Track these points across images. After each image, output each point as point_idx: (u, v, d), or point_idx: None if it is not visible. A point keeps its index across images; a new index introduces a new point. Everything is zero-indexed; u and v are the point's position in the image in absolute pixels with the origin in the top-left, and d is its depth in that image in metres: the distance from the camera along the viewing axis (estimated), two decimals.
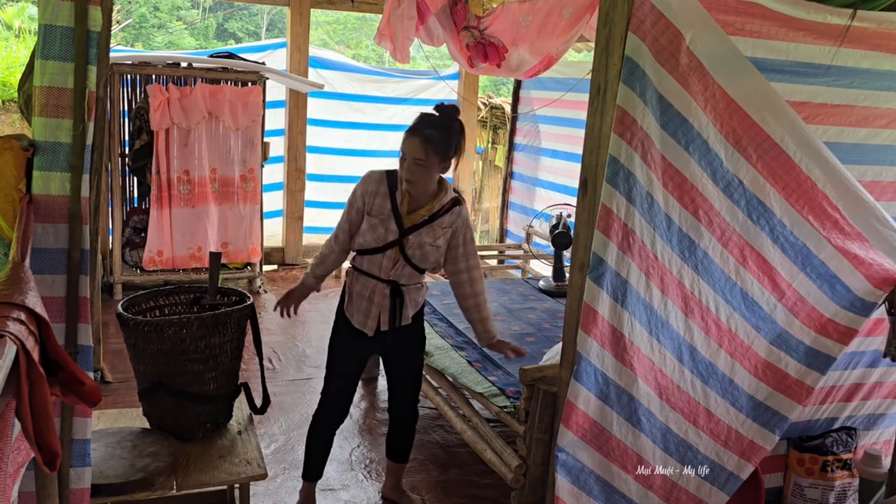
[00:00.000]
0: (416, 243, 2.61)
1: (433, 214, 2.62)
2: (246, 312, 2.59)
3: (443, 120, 2.54)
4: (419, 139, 2.49)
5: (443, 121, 2.54)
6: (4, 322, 1.32)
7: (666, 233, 2.31)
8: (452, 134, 2.55)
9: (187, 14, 17.69)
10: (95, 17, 1.93)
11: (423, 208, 2.62)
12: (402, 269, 2.63)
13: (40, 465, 1.43)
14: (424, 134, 2.49)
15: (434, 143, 2.49)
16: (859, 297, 2.49)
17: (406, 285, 2.68)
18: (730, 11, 2.24)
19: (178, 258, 5.50)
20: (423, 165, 2.50)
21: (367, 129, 7.17)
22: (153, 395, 2.53)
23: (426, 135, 2.49)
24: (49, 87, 1.92)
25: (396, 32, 4.38)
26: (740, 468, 2.55)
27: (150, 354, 2.47)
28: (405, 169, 2.53)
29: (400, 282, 2.66)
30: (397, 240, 2.60)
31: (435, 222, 2.62)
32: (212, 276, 2.70)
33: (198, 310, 2.71)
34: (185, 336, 2.43)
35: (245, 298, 2.69)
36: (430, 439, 3.70)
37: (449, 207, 2.64)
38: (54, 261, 1.96)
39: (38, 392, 1.36)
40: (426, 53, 11.73)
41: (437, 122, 2.54)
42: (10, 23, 11.68)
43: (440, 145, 2.51)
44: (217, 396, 2.58)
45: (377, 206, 2.62)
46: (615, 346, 2.34)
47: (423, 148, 2.48)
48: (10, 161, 1.90)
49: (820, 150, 2.30)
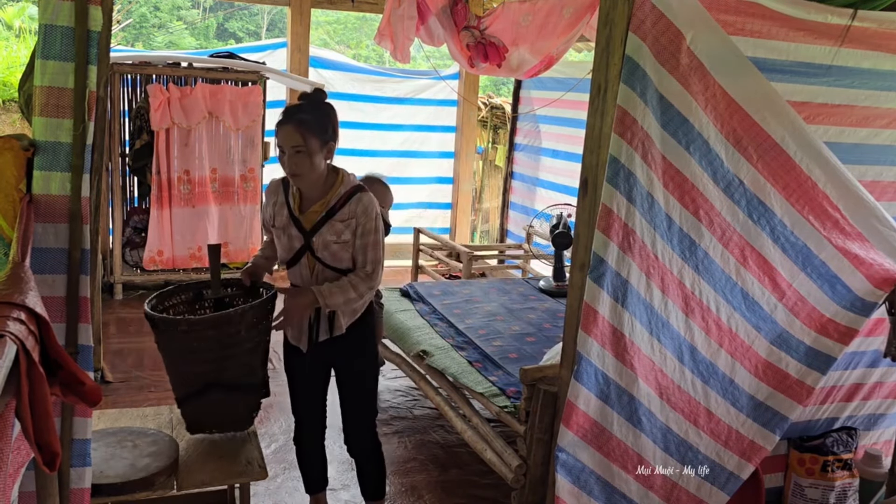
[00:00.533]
0: (321, 244, 2.41)
1: (330, 209, 2.40)
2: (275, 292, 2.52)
3: (311, 103, 2.40)
4: (292, 125, 2.31)
5: (312, 103, 2.40)
6: (4, 322, 1.32)
7: (666, 233, 2.31)
8: (325, 115, 2.39)
9: (188, 14, 17.69)
10: (96, 17, 1.93)
11: (318, 203, 2.43)
12: (324, 274, 2.44)
13: (40, 464, 1.43)
14: (297, 118, 2.32)
15: (308, 125, 2.31)
16: (860, 297, 2.49)
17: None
18: (730, 11, 2.24)
19: (179, 258, 5.50)
20: (304, 151, 2.31)
21: (367, 129, 7.17)
22: (203, 397, 2.41)
23: (298, 119, 2.32)
24: (49, 86, 1.92)
25: (397, 32, 4.38)
26: (741, 468, 2.55)
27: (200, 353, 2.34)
28: (286, 162, 2.35)
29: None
30: (305, 245, 2.43)
31: (335, 217, 2.40)
32: (214, 269, 2.59)
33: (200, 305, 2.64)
34: (241, 327, 2.33)
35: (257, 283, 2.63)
36: (430, 439, 3.70)
37: (347, 197, 2.41)
38: (54, 260, 1.96)
39: (38, 392, 1.36)
40: (426, 53, 11.72)
41: (307, 105, 2.39)
42: (11, 23, 11.68)
43: (316, 126, 2.33)
44: (264, 381, 2.56)
45: (278, 215, 2.48)
46: (615, 346, 2.34)
47: (299, 132, 2.30)
48: (11, 161, 1.90)
49: (820, 150, 2.30)
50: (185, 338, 2.34)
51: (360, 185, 2.46)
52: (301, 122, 2.32)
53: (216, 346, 2.35)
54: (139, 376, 4.14)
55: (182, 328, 2.35)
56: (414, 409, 4.02)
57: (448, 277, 5.76)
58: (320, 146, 2.35)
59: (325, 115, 2.40)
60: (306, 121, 2.32)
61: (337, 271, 2.44)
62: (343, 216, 2.40)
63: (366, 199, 2.42)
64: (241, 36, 17.77)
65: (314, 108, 2.38)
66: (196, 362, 2.38)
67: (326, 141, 2.37)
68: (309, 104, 2.39)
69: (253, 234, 5.69)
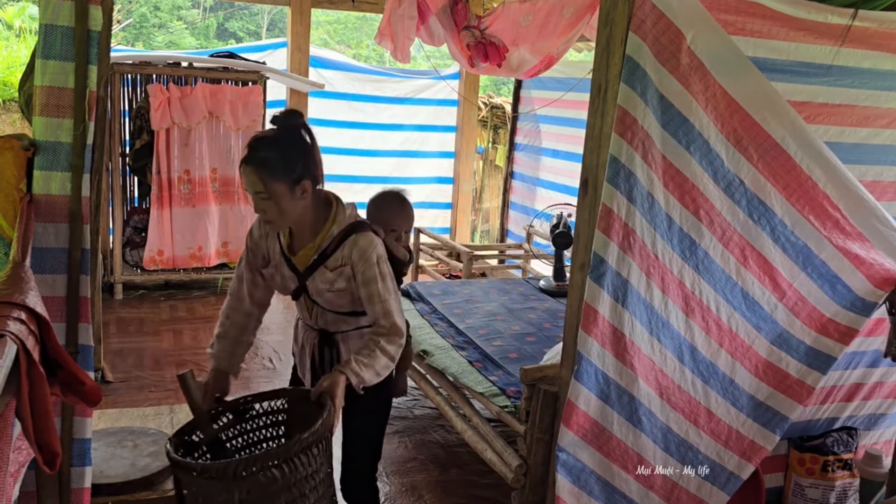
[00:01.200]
0: (315, 290, 2.13)
1: (322, 252, 2.10)
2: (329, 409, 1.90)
3: (279, 133, 2.03)
4: (252, 167, 1.97)
5: (279, 134, 2.03)
6: (5, 321, 1.32)
7: (667, 233, 2.31)
8: (292, 146, 2.03)
9: (188, 14, 17.69)
10: (96, 17, 1.93)
11: (309, 245, 2.13)
12: (324, 316, 2.19)
13: (40, 464, 1.43)
14: (257, 159, 1.97)
15: (270, 167, 1.96)
16: (860, 296, 2.49)
17: (338, 332, 2.21)
18: (731, 11, 2.24)
19: (179, 258, 5.50)
20: (269, 198, 1.99)
21: (367, 129, 7.17)
22: None
23: (258, 159, 1.97)
24: (50, 86, 1.92)
25: (397, 32, 4.37)
26: (741, 468, 2.55)
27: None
28: (254, 208, 2.06)
29: (329, 329, 2.20)
30: (299, 286, 2.15)
31: (327, 261, 2.10)
32: (193, 404, 1.97)
33: (194, 443, 1.97)
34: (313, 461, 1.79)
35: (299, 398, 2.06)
36: (430, 439, 3.70)
37: (340, 239, 2.09)
38: (55, 260, 1.96)
39: (38, 392, 1.36)
40: (427, 53, 11.72)
41: (272, 138, 2.02)
42: (11, 22, 11.68)
43: (280, 166, 1.97)
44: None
45: (272, 251, 2.20)
46: (616, 346, 2.34)
47: (259, 177, 1.96)
48: (11, 161, 1.90)
49: (821, 149, 2.30)
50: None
51: (356, 224, 2.12)
52: (261, 162, 1.97)
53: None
54: (139, 376, 4.14)
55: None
56: (414, 409, 4.02)
57: (448, 277, 5.76)
58: (289, 188, 1.99)
59: (295, 145, 2.04)
60: (268, 161, 1.97)
61: (338, 314, 2.18)
62: (335, 263, 2.09)
63: (362, 241, 2.08)
64: (241, 36, 17.77)
65: (280, 141, 2.02)
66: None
67: (297, 180, 2.00)
68: (276, 134, 2.04)
69: None
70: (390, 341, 2.07)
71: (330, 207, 2.14)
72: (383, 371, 2.06)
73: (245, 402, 2.07)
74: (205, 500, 1.75)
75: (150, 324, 4.92)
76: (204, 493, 1.75)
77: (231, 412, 2.06)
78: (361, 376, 1.99)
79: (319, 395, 1.92)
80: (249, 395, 2.09)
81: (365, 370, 1.99)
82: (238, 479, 1.67)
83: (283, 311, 5.49)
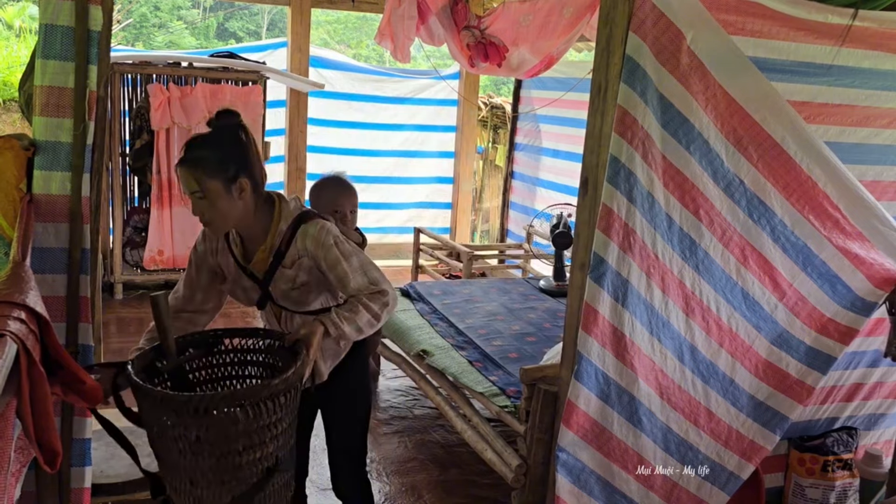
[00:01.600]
0: (279, 293, 2.08)
1: (276, 253, 2.04)
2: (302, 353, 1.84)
3: (213, 133, 1.99)
4: (186, 167, 1.93)
5: (213, 134, 1.99)
6: (5, 321, 1.32)
7: (667, 232, 2.31)
8: (228, 146, 1.96)
9: (188, 13, 17.69)
10: (96, 17, 1.93)
11: (260, 249, 2.07)
12: (293, 321, 2.14)
13: (41, 464, 1.43)
14: (191, 158, 1.93)
15: (205, 166, 1.92)
16: (860, 296, 2.49)
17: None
18: (731, 11, 2.24)
19: (179, 257, 5.50)
20: (204, 197, 1.93)
21: (367, 129, 7.17)
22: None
23: (193, 158, 1.93)
24: (50, 86, 1.92)
25: (397, 32, 4.37)
26: (741, 468, 2.55)
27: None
28: (192, 211, 1.99)
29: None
30: (264, 294, 2.09)
31: (283, 260, 2.05)
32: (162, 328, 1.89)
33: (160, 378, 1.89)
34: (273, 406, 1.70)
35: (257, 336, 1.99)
36: (430, 439, 3.70)
37: (291, 233, 2.04)
38: (55, 260, 1.96)
39: (38, 391, 1.36)
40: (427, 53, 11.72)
41: (205, 137, 1.99)
42: (11, 22, 11.68)
43: (212, 164, 1.92)
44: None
45: (224, 265, 2.14)
46: (616, 346, 2.34)
47: (194, 176, 1.92)
48: (11, 160, 1.90)
49: (821, 149, 2.30)
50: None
51: (301, 215, 2.06)
52: (195, 162, 1.93)
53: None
54: None
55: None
56: (414, 409, 4.02)
57: (448, 277, 5.76)
58: (224, 187, 1.93)
59: (229, 145, 1.97)
60: (202, 159, 1.92)
61: (307, 314, 2.12)
62: (291, 258, 2.04)
63: (311, 229, 2.02)
64: (241, 36, 17.77)
65: (213, 139, 1.97)
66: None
67: (232, 178, 1.94)
68: (211, 133, 1.99)
69: None
70: (372, 299, 1.97)
71: (273, 206, 2.08)
72: (366, 328, 1.97)
73: (215, 335, 1.99)
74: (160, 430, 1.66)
75: (150, 324, 4.91)
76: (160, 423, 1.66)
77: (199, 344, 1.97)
78: (342, 328, 1.91)
79: (294, 342, 1.85)
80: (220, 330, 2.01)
81: (345, 323, 1.91)
82: (199, 415, 1.59)
83: None
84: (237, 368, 2.02)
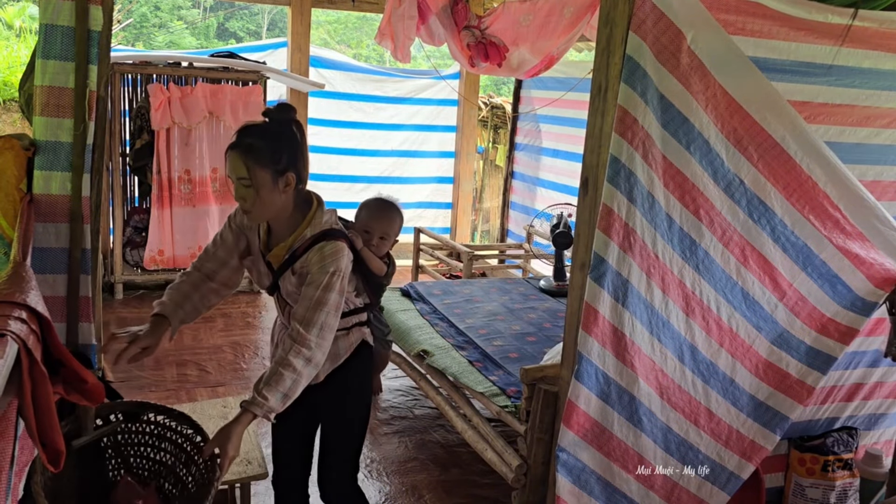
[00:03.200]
0: (285, 290, 2.11)
1: (292, 254, 2.06)
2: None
3: (271, 124, 2.02)
4: (238, 152, 1.95)
5: (270, 126, 2.02)
6: (6, 321, 1.32)
7: (667, 232, 2.31)
8: (283, 139, 2.00)
9: (188, 13, 17.70)
10: (96, 17, 1.94)
11: (283, 244, 2.08)
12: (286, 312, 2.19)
13: (45, 463, 1.43)
14: (244, 144, 1.96)
15: (257, 154, 1.94)
16: (860, 296, 2.49)
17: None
18: (731, 11, 2.24)
19: (179, 257, 5.50)
20: (251, 185, 1.95)
21: (367, 129, 7.17)
22: None
23: (246, 145, 1.95)
24: (50, 86, 1.92)
25: (397, 32, 4.37)
26: (741, 468, 2.55)
27: None
28: (234, 195, 2.02)
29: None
30: (273, 283, 2.13)
31: (294, 265, 2.06)
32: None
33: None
34: None
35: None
36: (430, 439, 3.70)
37: (310, 244, 2.04)
38: (55, 260, 1.97)
39: (40, 390, 1.36)
40: (427, 53, 11.72)
41: (263, 127, 2.01)
42: (11, 22, 11.68)
43: (266, 154, 1.95)
44: None
45: (251, 241, 2.20)
46: (616, 346, 2.34)
47: (244, 161, 1.94)
48: (12, 160, 1.90)
49: (821, 149, 2.30)
50: None
51: (328, 231, 2.06)
52: (248, 149, 1.95)
53: None
54: (139, 376, 4.15)
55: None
56: (414, 409, 4.02)
57: (448, 277, 5.76)
58: (272, 179, 1.96)
59: (285, 137, 2.01)
60: (255, 148, 1.95)
61: None
62: (300, 267, 2.05)
63: (328, 249, 2.01)
64: (241, 35, 17.78)
65: (271, 131, 2.00)
66: None
67: (281, 172, 1.97)
68: (268, 124, 2.02)
69: None
70: (296, 352, 1.95)
71: (309, 208, 2.09)
72: (292, 390, 1.95)
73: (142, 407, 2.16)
74: None
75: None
76: None
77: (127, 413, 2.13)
78: (268, 405, 1.91)
79: (210, 458, 1.95)
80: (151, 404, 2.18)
81: (271, 397, 1.91)
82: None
83: None
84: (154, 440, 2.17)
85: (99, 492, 2.11)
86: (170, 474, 2.16)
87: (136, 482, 2.12)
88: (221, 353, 4.57)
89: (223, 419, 2.76)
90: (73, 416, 2.01)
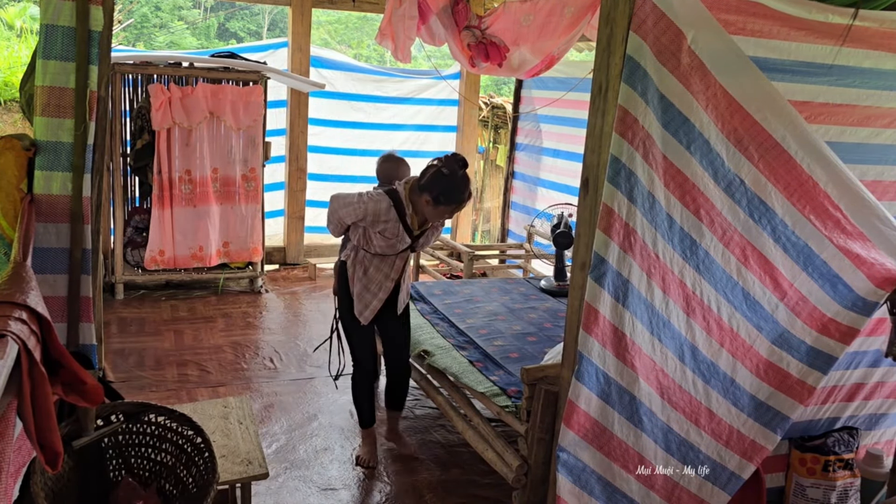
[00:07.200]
0: (423, 241, 3.30)
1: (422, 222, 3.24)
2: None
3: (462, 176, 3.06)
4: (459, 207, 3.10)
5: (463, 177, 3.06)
6: (6, 321, 1.32)
7: (667, 232, 2.31)
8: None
9: (189, 14, 17.70)
10: (97, 17, 1.94)
11: (417, 220, 3.23)
12: (405, 270, 3.28)
13: (43, 464, 1.43)
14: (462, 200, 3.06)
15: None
16: (861, 296, 2.49)
17: (400, 277, 3.29)
18: (731, 11, 2.24)
19: (180, 258, 5.50)
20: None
21: (368, 129, 7.17)
22: None
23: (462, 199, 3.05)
24: (50, 86, 1.92)
25: (398, 32, 4.37)
26: (742, 468, 2.55)
27: None
28: (434, 217, 3.14)
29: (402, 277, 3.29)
30: (410, 246, 3.22)
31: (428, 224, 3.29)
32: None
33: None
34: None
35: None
36: (431, 439, 3.70)
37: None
38: (56, 260, 1.97)
39: (39, 391, 1.36)
40: (427, 53, 11.71)
41: (460, 183, 3.04)
42: (12, 23, 11.68)
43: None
44: None
45: (389, 229, 3.12)
46: (616, 346, 2.34)
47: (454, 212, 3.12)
48: (12, 161, 1.90)
49: (821, 149, 2.30)
50: None
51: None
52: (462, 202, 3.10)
53: None
54: (140, 376, 4.15)
55: None
56: (415, 409, 4.02)
57: (449, 277, 5.76)
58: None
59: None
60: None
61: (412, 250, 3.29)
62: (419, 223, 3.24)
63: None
64: (242, 36, 17.78)
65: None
66: None
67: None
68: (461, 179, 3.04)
69: (254, 233, 5.70)
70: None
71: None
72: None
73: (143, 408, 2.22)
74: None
75: (151, 324, 4.92)
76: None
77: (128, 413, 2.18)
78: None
79: None
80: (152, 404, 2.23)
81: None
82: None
83: (283, 311, 5.49)
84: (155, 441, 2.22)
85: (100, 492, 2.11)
86: (170, 475, 2.16)
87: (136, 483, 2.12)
88: (222, 353, 4.57)
89: (224, 419, 2.76)
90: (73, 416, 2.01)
